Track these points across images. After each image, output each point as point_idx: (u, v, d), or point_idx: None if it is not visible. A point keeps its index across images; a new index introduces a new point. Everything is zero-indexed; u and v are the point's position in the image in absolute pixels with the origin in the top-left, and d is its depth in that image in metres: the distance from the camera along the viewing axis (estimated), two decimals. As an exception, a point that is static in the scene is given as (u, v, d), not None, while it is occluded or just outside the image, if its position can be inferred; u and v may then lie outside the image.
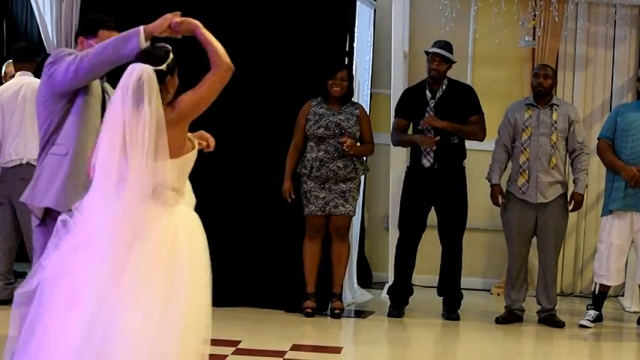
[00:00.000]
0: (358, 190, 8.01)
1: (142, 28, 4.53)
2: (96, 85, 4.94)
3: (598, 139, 8.13)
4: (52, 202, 4.77)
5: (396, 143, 8.34)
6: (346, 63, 8.23)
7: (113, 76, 4.60)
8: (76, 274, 4.12)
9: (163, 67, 4.28)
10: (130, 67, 4.26)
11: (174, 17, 4.59)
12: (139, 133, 4.12)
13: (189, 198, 4.46)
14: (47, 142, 4.88)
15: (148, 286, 4.07)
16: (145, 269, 4.09)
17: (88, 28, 5.08)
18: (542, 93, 7.99)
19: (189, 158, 4.36)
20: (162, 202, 4.21)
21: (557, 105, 8.03)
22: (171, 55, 4.34)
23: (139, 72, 4.19)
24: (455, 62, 8.14)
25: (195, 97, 4.36)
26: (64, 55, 4.83)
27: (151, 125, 4.14)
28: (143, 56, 4.31)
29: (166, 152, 4.18)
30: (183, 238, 4.19)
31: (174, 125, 4.24)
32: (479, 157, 8.72)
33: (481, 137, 8.12)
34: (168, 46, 4.40)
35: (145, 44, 4.49)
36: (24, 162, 7.51)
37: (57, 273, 4.14)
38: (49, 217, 4.82)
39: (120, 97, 4.17)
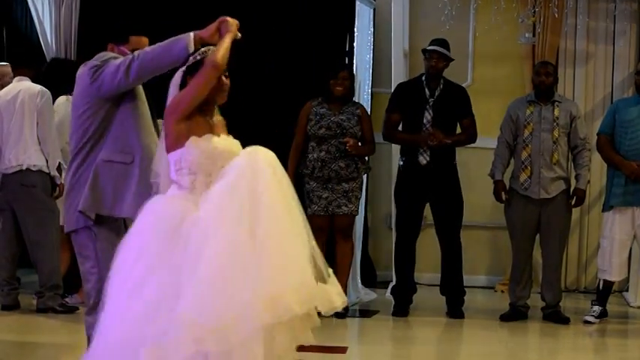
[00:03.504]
0: (360, 189, 8.02)
1: (192, 33, 4.57)
2: (141, 89, 4.94)
3: (597, 134, 8.13)
4: (129, 212, 4.69)
5: (388, 139, 8.29)
6: (346, 63, 8.24)
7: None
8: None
9: (184, 67, 4.43)
10: None
11: (225, 20, 4.65)
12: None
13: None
14: (84, 146, 4.82)
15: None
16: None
17: (118, 34, 5.05)
18: (544, 90, 8.00)
19: (184, 153, 4.38)
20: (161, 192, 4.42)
21: (558, 101, 8.04)
22: (192, 58, 4.43)
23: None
24: (453, 60, 8.14)
25: (178, 96, 4.43)
26: (109, 58, 4.83)
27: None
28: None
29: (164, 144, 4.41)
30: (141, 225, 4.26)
31: (165, 121, 4.39)
32: (480, 154, 8.73)
33: (473, 140, 8.14)
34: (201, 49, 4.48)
35: (192, 48, 4.50)
36: (24, 168, 7.50)
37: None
38: (100, 221, 4.83)
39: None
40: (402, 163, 8.18)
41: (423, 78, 8.12)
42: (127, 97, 4.83)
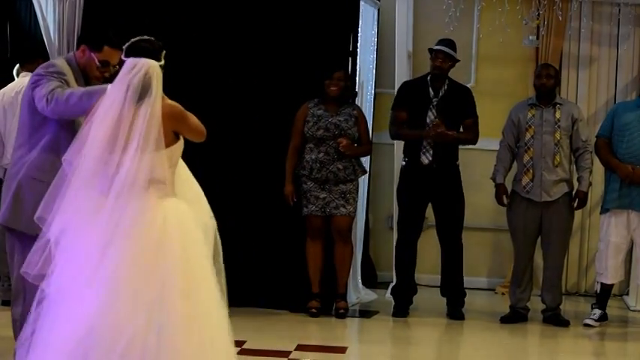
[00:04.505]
0: (357, 191, 8.00)
1: (108, 86, 4.55)
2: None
3: (596, 137, 8.14)
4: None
5: (395, 136, 8.29)
6: (350, 63, 8.22)
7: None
8: (64, 276, 4.14)
9: (163, 62, 4.34)
10: (132, 61, 4.27)
11: None
12: (138, 126, 4.17)
13: (194, 193, 4.49)
14: (22, 146, 5.02)
15: (134, 282, 4.07)
16: (129, 264, 4.10)
17: (94, 40, 5.12)
18: (545, 92, 8.00)
19: (176, 149, 4.37)
20: (154, 194, 4.25)
21: (560, 104, 8.05)
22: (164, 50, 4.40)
23: (146, 67, 4.24)
24: (458, 60, 8.14)
25: (184, 112, 4.41)
26: (47, 76, 4.92)
27: (153, 118, 4.20)
28: (143, 52, 4.33)
29: (162, 143, 4.24)
30: (173, 230, 4.19)
31: (170, 121, 4.33)
32: (483, 156, 8.72)
33: (475, 141, 8.14)
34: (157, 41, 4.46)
35: None
36: (25, 163, 7.51)
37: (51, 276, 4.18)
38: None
39: (121, 91, 4.20)
40: (404, 163, 8.18)
41: (428, 78, 8.12)
42: (64, 129, 4.92)
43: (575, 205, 8.04)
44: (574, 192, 8.04)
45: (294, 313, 7.93)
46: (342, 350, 6.89)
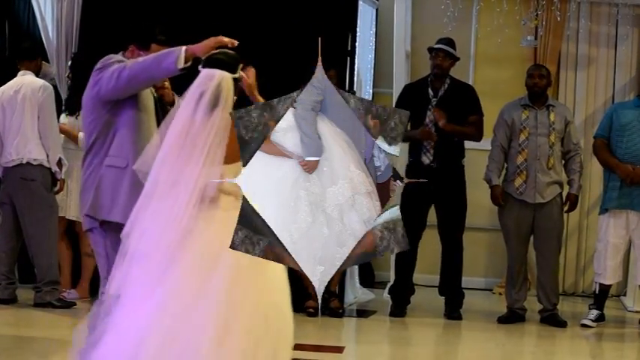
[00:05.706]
0: None
1: (184, 47, 4.54)
2: (148, 100, 4.96)
3: (594, 137, 8.14)
4: (120, 216, 4.69)
5: None
6: (348, 63, 8.23)
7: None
8: (129, 280, 4.15)
9: (237, 75, 4.31)
10: (207, 72, 4.27)
11: (222, 40, 4.57)
12: (202, 138, 4.14)
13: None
14: (91, 149, 4.91)
15: (189, 293, 4.08)
16: (189, 274, 4.10)
17: (141, 39, 5.07)
18: (538, 93, 7.99)
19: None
20: (218, 207, 4.21)
21: (553, 106, 8.05)
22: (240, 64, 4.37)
23: (219, 78, 4.22)
24: (459, 59, 8.14)
25: None
26: (111, 62, 4.87)
27: (219, 131, 4.15)
28: (219, 64, 4.31)
29: (223, 157, 4.18)
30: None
31: (232, 130, 4.23)
32: (480, 156, 8.71)
33: (478, 138, 8.14)
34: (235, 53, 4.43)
35: (181, 63, 4.49)
36: (24, 162, 7.52)
37: (120, 282, 4.18)
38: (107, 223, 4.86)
39: (193, 101, 4.19)
40: (408, 163, 8.20)
41: (429, 78, 8.13)
42: (127, 104, 4.85)
43: (566, 208, 8.05)
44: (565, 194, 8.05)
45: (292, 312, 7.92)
46: (339, 350, 6.89)
